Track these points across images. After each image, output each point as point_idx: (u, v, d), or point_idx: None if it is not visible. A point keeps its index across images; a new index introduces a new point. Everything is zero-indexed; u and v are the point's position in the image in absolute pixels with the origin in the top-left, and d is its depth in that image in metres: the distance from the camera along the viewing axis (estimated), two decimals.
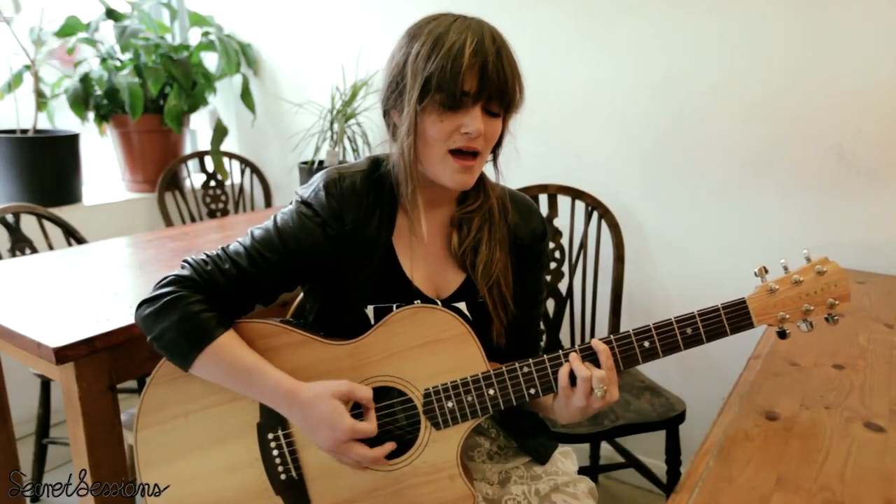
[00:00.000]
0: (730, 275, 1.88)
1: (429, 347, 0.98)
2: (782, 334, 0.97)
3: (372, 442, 1.00)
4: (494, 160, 1.07)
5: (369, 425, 0.93)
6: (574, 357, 0.95)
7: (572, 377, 0.95)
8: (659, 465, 1.89)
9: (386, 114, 1.02)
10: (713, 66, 1.81)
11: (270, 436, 1.01)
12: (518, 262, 1.10)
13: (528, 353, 1.14)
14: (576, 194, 1.95)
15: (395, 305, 1.04)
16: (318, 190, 1.02)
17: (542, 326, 1.19)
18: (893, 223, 1.66)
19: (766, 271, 0.98)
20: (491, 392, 0.97)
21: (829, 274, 0.94)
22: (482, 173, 1.08)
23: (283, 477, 1.01)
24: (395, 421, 1.01)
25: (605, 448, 2.16)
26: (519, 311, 1.10)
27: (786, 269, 0.97)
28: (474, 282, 1.06)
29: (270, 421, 1.00)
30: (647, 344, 0.97)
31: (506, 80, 0.94)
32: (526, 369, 0.97)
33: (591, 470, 2.04)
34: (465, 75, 0.91)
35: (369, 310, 1.04)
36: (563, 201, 2.00)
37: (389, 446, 0.96)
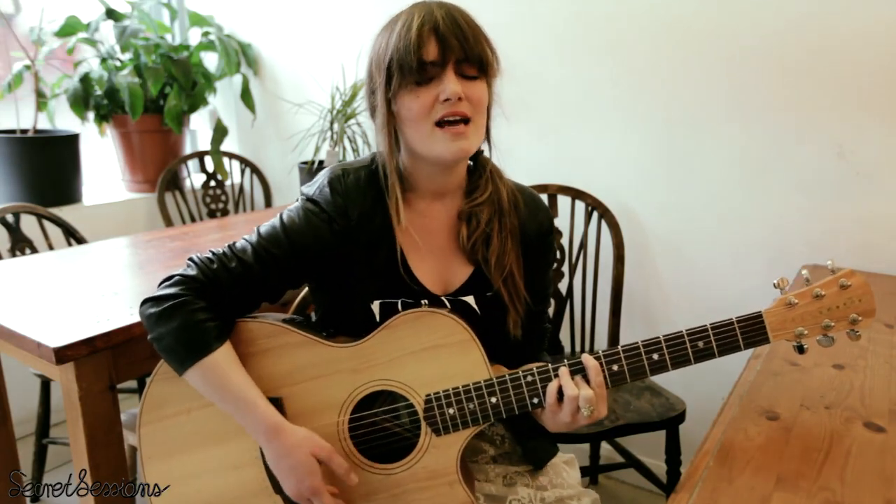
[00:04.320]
0: (730, 274, 1.89)
1: (431, 352, 0.98)
2: (800, 349, 0.93)
3: (368, 450, 1.00)
4: (487, 134, 1.05)
5: (329, 502, 0.95)
6: (564, 372, 0.94)
7: (560, 392, 0.94)
8: (659, 465, 1.89)
9: (370, 111, 1.03)
10: (713, 66, 1.81)
11: None
12: (526, 257, 1.09)
13: (536, 348, 1.15)
14: (576, 194, 1.95)
15: (399, 301, 1.04)
16: (323, 187, 1.03)
17: (548, 323, 1.19)
18: (893, 223, 1.66)
19: (787, 282, 0.93)
20: (493, 400, 0.97)
21: (853, 288, 0.90)
22: (491, 164, 1.07)
23: None
24: (395, 425, 1.01)
25: (605, 448, 2.16)
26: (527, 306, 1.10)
27: (807, 280, 0.93)
28: (487, 275, 1.04)
29: None
30: (656, 356, 0.94)
31: (465, 37, 0.92)
32: (529, 378, 0.96)
33: (591, 470, 2.04)
34: (420, 45, 0.91)
35: (375, 305, 1.03)
36: (563, 201, 2.01)
37: None
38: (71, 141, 2.51)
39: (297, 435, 0.95)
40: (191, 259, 1.00)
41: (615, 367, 0.95)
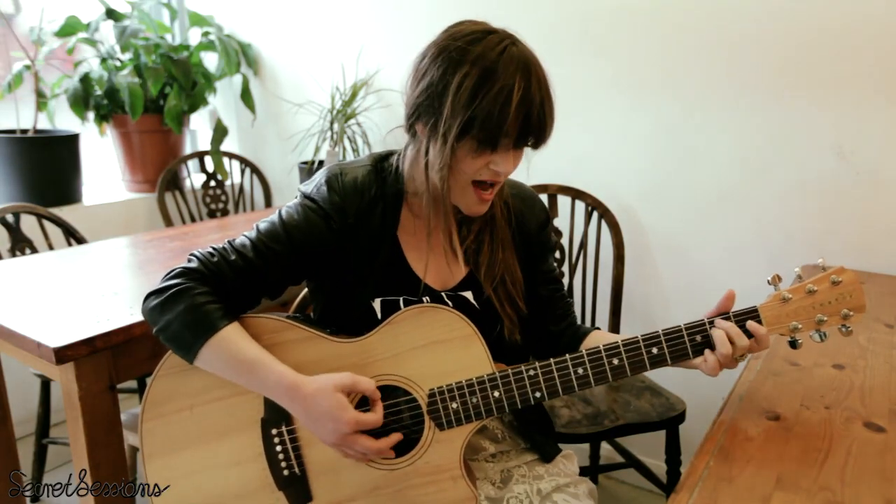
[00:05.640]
0: (729, 274, 1.89)
1: (434, 347, 0.99)
2: (793, 344, 0.96)
3: (376, 437, 1.00)
4: None
5: (374, 416, 0.94)
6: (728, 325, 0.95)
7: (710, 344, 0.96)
8: (659, 465, 1.89)
9: (411, 124, 1.01)
10: (713, 65, 1.81)
11: (274, 431, 1.01)
12: (528, 251, 1.13)
13: (569, 323, 1.19)
14: (576, 194, 1.95)
15: (401, 298, 1.05)
16: (321, 185, 1.04)
17: (568, 298, 1.22)
18: (893, 223, 1.66)
19: (780, 279, 0.96)
20: (496, 394, 0.98)
21: (844, 284, 0.93)
22: None
23: (285, 472, 1.01)
24: (399, 420, 1.01)
25: (605, 448, 2.16)
26: (544, 291, 1.15)
27: (800, 277, 0.96)
28: (479, 280, 1.08)
29: (274, 416, 1.00)
30: (655, 350, 0.97)
31: (544, 127, 0.95)
32: (532, 372, 0.98)
33: (591, 470, 2.04)
34: (511, 125, 0.91)
35: (376, 303, 1.04)
36: (563, 201, 2.01)
37: (396, 437, 0.96)
38: (71, 141, 2.51)
39: (318, 380, 0.94)
40: (192, 254, 1.01)
41: (615, 362, 0.97)
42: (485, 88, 0.90)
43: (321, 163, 2.43)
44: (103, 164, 2.94)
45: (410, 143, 1.04)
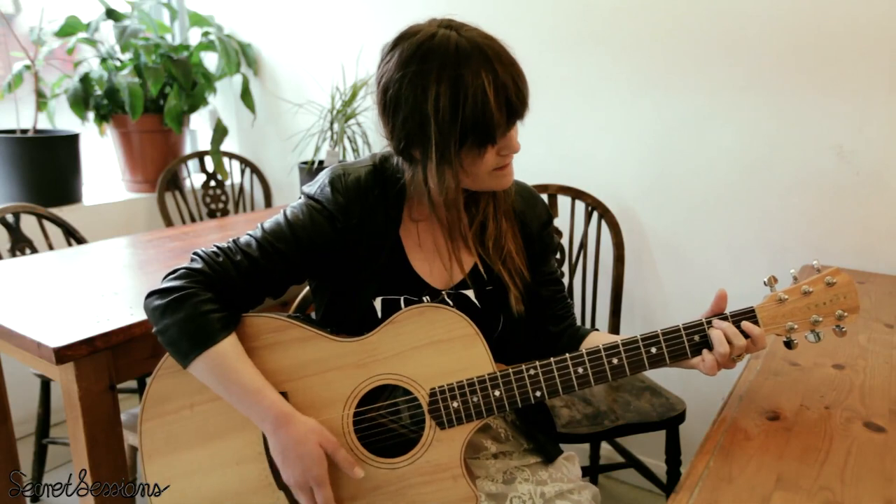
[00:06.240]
0: (729, 275, 1.89)
1: (436, 347, 0.99)
2: (789, 344, 0.98)
3: (372, 444, 1.01)
4: None
5: (329, 495, 0.95)
6: (726, 325, 0.96)
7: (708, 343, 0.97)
8: (659, 465, 1.89)
9: (404, 150, 0.99)
10: (713, 65, 1.81)
11: None
12: (530, 249, 1.13)
13: (569, 324, 1.20)
14: (576, 194, 1.96)
15: (402, 297, 1.05)
16: (324, 186, 1.04)
17: (568, 299, 1.23)
18: (893, 223, 1.66)
19: (776, 280, 0.98)
20: (497, 393, 0.98)
21: (838, 285, 0.95)
22: None
23: None
24: (399, 420, 1.01)
25: (605, 448, 2.16)
26: (545, 291, 1.16)
27: (795, 279, 0.98)
28: (487, 261, 1.08)
29: None
30: (654, 350, 0.98)
31: (524, 100, 0.96)
32: (532, 371, 0.98)
33: (591, 470, 2.04)
34: (499, 119, 0.93)
35: (377, 302, 1.05)
36: (563, 201, 2.01)
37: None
38: (71, 141, 2.51)
39: (307, 425, 0.95)
40: (195, 253, 1.01)
41: (615, 361, 0.97)
42: (460, 99, 0.91)
43: (321, 163, 2.43)
44: (103, 164, 2.94)
45: (407, 166, 1.03)
